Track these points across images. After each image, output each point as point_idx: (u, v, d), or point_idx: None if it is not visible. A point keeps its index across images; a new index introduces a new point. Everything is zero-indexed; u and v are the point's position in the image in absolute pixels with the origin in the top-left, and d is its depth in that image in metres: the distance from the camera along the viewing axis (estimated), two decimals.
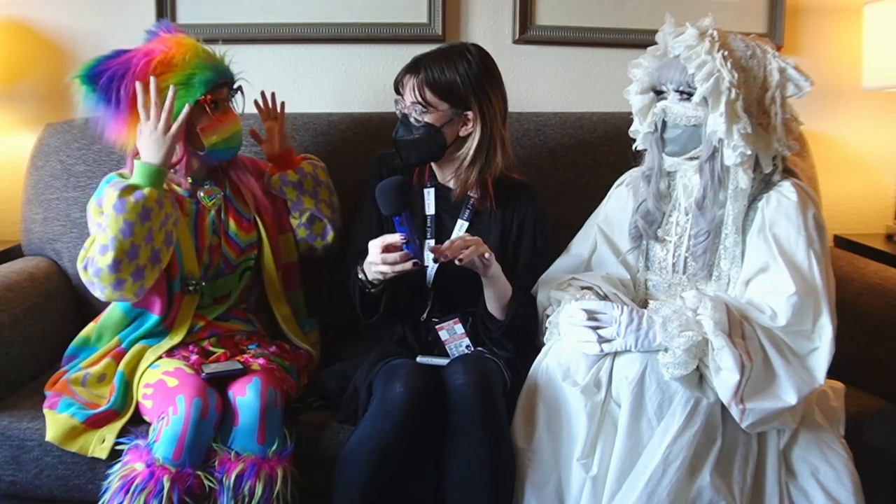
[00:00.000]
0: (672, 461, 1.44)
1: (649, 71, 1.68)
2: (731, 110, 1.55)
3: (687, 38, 1.60)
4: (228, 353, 1.73)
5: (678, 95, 1.63)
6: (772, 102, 1.61)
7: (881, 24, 2.30)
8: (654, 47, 1.69)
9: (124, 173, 1.74)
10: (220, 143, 1.75)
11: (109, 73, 1.67)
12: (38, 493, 1.65)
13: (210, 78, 1.71)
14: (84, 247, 1.66)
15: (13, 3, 2.26)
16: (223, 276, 1.82)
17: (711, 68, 1.56)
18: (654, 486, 1.43)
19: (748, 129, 1.56)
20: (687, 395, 1.47)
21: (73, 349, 1.79)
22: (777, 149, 1.62)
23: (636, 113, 1.73)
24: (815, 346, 1.53)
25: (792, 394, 1.46)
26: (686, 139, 1.64)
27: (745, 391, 1.45)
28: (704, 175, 1.62)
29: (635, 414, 1.47)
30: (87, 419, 1.61)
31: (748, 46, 1.62)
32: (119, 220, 1.58)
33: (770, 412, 1.46)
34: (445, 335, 1.77)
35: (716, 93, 1.56)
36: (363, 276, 1.69)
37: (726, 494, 1.46)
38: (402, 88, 1.77)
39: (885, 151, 2.48)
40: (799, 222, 1.58)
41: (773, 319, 1.52)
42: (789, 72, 1.60)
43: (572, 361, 1.56)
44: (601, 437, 1.50)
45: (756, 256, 1.60)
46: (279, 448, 1.55)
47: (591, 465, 1.49)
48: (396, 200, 1.60)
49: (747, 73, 1.59)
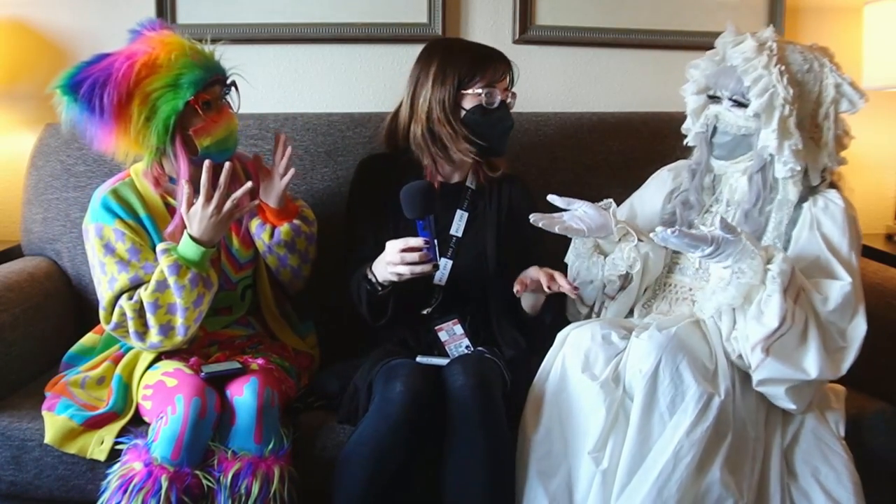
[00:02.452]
0: (683, 456, 1.44)
1: (706, 74, 1.72)
2: (784, 127, 1.59)
3: (745, 50, 1.62)
4: (228, 354, 1.73)
5: (732, 104, 1.66)
6: (825, 118, 1.64)
7: (881, 24, 2.30)
8: (713, 52, 1.73)
9: (126, 196, 1.69)
10: (214, 146, 1.66)
11: (90, 81, 1.57)
12: (37, 494, 1.65)
13: (199, 77, 1.61)
14: (125, 313, 1.61)
15: (13, 3, 2.26)
16: (224, 291, 1.78)
17: (767, 83, 1.59)
18: (665, 481, 1.43)
19: (799, 145, 1.59)
20: (700, 390, 1.47)
21: (72, 356, 1.78)
22: (826, 163, 1.65)
23: (690, 112, 1.78)
24: (844, 345, 1.56)
25: (814, 368, 1.49)
26: (734, 146, 1.68)
27: (775, 345, 1.48)
28: (754, 185, 1.66)
29: (647, 408, 1.48)
30: (86, 421, 1.60)
31: (806, 60, 1.64)
32: (191, 307, 1.61)
33: (785, 376, 1.49)
34: (445, 336, 1.77)
35: (770, 108, 1.59)
36: (372, 277, 1.69)
37: (735, 491, 1.46)
38: (498, 78, 1.78)
39: (885, 151, 2.49)
40: (845, 225, 1.63)
41: (824, 304, 1.54)
42: (844, 88, 1.63)
43: (592, 351, 1.56)
44: (613, 431, 1.51)
45: (808, 248, 1.63)
46: (276, 447, 1.54)
47: (602, 458, 1.49)
48: (422, 204, 1.61)
49: (802, 88, 1.62)
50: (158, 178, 1.70)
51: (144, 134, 1.60)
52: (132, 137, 1.61)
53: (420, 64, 1.83)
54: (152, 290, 1.60)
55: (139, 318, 1.61)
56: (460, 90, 1.77)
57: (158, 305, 1.60)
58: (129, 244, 1.65)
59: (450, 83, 1.76)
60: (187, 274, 1.60)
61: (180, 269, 1.60)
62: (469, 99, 1.77)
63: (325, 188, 2.13)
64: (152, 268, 1.63)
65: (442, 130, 1.77)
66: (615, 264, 1.70)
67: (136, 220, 1.68)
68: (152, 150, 1.63)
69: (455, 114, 1.77)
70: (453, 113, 1.77)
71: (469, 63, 1.77)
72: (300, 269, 1.84)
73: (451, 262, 1.81)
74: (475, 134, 1.77)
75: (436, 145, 1.79)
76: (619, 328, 1.62)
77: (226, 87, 1.70)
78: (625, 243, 1.70)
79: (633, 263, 1.68)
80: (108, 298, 1.63)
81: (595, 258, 1.74)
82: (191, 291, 1.60)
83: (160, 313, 1.61)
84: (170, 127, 1.60)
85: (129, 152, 1.65)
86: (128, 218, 1.67)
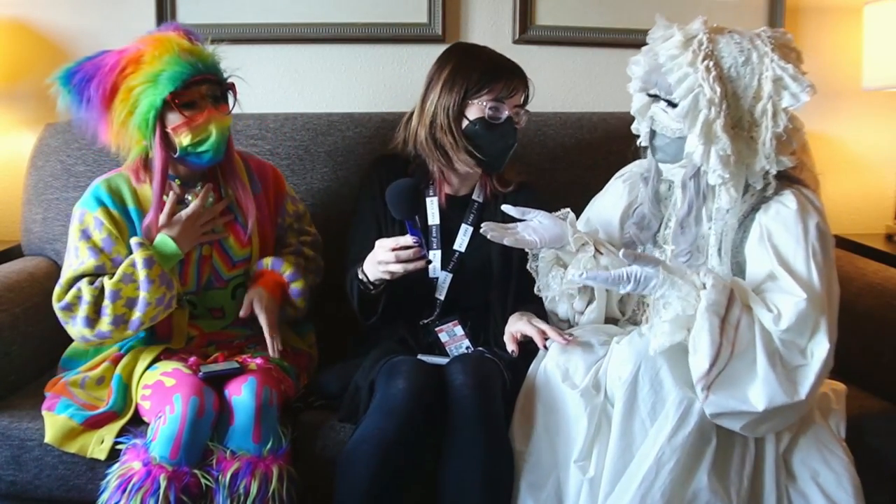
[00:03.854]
0: (665, 462, 1.42)
1: (644, 71, 1.59)
2: (709, 130, 1.46)
3: (670, 46, 1.51)
4: (226, 353, 1.73)
5: (666, 104, 1.55)
6: (763, 114, 1.49)
7: (881, 24, 2.30)
8: (648, 47, 1.59)
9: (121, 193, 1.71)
10: (191, 146, 1.64)
11: (82, 73, 1.63)
12: (37, 493, 1.65)
13: (178, 73, 1.60)
14: (81, 294, 1.63)
15: (13, 3, 2.26)
16: (213, 289, 1.79)
17: (693, 83, 1.47)
18: (648, 488, 1.41)
19: (728, 150, 1.46)
20: (680, 395, 1.45)
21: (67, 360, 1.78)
22: (765, 165, 1.50)
23: (635, 111, 1.66)
24: (805, 363, 1.46)
25: (762, 401, 1.41)
26: (675, 150, 1.57)
27: (716, 381, 1.42)
28: (688, 192, 1.57)
29: (629, 415, 1.46)
30: (86, 420, 1.61)
31: (742, 51, 1.49)
32: (153, 303, 1.63)
33: (732, 409, 1.42)
34: (445, 337, 1.77)
35: (693, 110, 1.47)
36: (364, 277, 1.69)
37: (723, 497, 1.44)
38: (507, 95, 1.74)
39: (885, 151, 2.48)
40: (798, 232, 1.50)
41: (777, 321, 1.45)
42: (785, 80, 1.47)
43: (571, 363, 1.55)
44: (598, 439, 1.50)
45: (760, 265, 1.52)
46: (275, 447, 1.54)
47: (587, 466, 1.48)
48: (408, 205, 1.62)
49: (736, 84, 1.49)
50: (137, 172, 1.72)
51: (127, 128, 1.64)
52: (116, 130, 1.65)
53: (436, 66, 1.81)
54: (117, 280, 1.62)
55: (94, 305, 1.62)
56: (466, 99, 1.74)
57: (119, 296, 1.62)
58: (105, 234, 1.68)
59: (457, 91, 1.74)
60: (158, 270, 1.63)
61: (153, 264, 1.62)
62: (474, 109, 1.74)
63: (325, 188, 2.13)
64: (121, 261, 1.66)
65: (444, 138, 1.75)
66: (572, 277, 1.59)
67: (123, 211, 1.70)
68: (138, 145, 1.67)
69: (458, 122, 1.74)
70: (456, 121, 1.74)
71: (480, 73, 1.74)
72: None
73: (450, 275, 1.80)
74: (474, 146, 1.74)
75: (438, 152, 1.78)
76: (600, 334, 1.60)
77: (219, 87, 1.69)
78: (582, 254, 1.63)
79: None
80: (68, 276, 1.66)
81: (555, 271, 1.68)
82: (158, 287, 1.63)
83: (118, 304, 1.62)
84: (149, 122, 1.63)
85: (120, 146, 1.68)
86: (113, 208, 1.69)
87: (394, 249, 1.58)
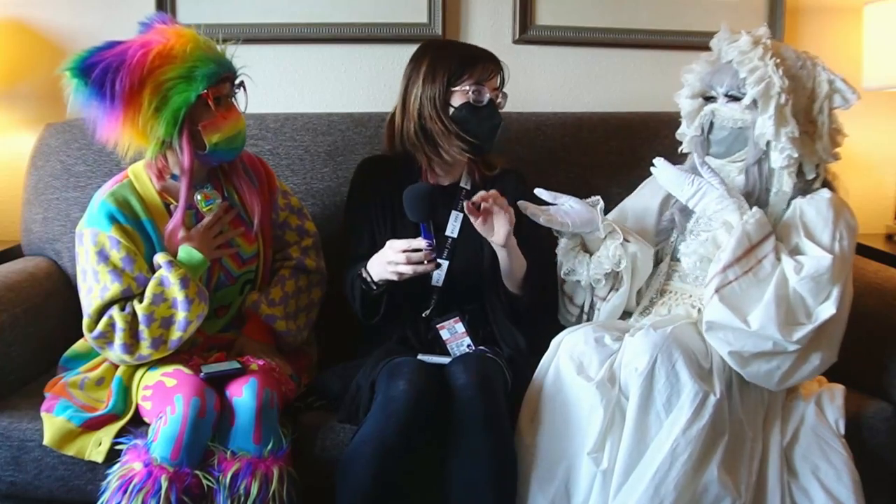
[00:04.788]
0: (679, 454, 1.44)
1: (701, 76, 1.75)
2: (780, 114, 1.62)
3: (741, 45, 1.66)
4: (228, 354, 1.72)
5: (727, 99, 1.70)
6: (819, 112, 1.68)
7: (881, 24, 2.30)
8: (708, 53, 1.76)
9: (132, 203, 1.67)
10: (223, 143, 1.65)
11: (103, 66, 1.53)
12: (37, 494, 1.65)
13: (213, 71, 1.60)
14: (113, 324, 1.60)
15: (13, 3, 2.26)
16: (223, 288, 1.77)
17: (763, 73, 1.63)
18: (661, 479, 1.43)
19: (795, 132, 1.62)
20: (696, 388, 1.47)
21: (67, 360, 1.77)
22: (821, 156, 1.68)
23: (684, 116, 1.81)
24: (805, 322, 1.54)
25: (755, 322, 1.51)
26: (731, 141, 1.70)
27: (726, 289, 1.53)
28: (751, 177, 1.69)
29: (644, 406, 1.48)
30: (84, 422, 1.60)
31: (798, 57, 1.69)
32: (194, 322, 1.63)
33: (727, 323, 1.52)
34: (446, 334, 1.77)
35: (766, 96, 1.62)
36: (367, 277, 1.69)
37: (732, 490, 1.46)
38: (486, 77, 1.80)
39: (885, 151, 2.49)
40: (830, 216, 1.63)
41: (797, 271, 1.55)
42: (837, 84, 1.67)
43: (585, 355, 1.57)
44: (611, 431, 1.51)
45: (787, 238, 1.64)
46: (275, 448, 1.54)
47: (601, 458, 1.50)
48: (425, 208, 1.64)
49: (797, 82, 1.66)
50: (162, 171, 1.69)
51: (152, 124, 1.58)
52: (139, 127, 1.58)
53: (412, 63, 1.86)
54: (148, 304, 1.60)
55: (129, 331, 1.60)
56: (450, 87, 1.79)
57: (153, 319, 1.60)
58: (123, 252, 1.62)
59: (440, 80, 1.79)
60: (195, 288, 1.62)
61: (189, 282, 1.61)
62: (458, 96, 1.79)
63: (325, 188, 2.13)
64: (144, 279, 1.63)
65: (433, 127, 1.79)
66: (600, 262, 1.71)
67: (137, 224, 1.66)
68: (158, 142, 1.61)
69: (445, 111, 1.79)
70: (443, 110, 1.79)
71: (458, 61, 1.80)
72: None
73: (447, 262, 1.81)
74: (465, 130, 1.79)
75: (428, 143, 1.81)
76: (612, 330, 1.63)
77: (235, 86, 1.69)
78: (610, 241, 1.71)
79: (619, 261, 1.69)
80: (96, 307, 1.61)
81: (581, 256, 1.75)
82: (198, 305, 1.62)
83: (154, 327, 1.60)
84: (179, 119, 1.59)
85: (131, 144, 1.62)
86: (126, 223, 1.64)
87: (405, 251, 1.60)
